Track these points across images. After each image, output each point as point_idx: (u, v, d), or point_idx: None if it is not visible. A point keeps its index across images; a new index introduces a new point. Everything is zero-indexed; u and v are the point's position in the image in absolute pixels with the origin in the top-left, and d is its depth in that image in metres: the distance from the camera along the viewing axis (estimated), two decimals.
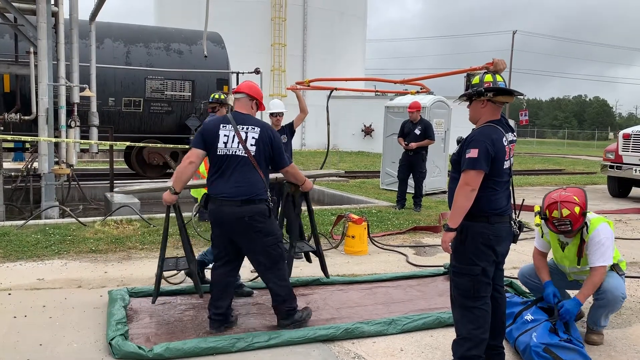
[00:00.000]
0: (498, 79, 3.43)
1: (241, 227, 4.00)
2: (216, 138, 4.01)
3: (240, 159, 4.00)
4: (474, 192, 3.28)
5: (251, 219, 3.98)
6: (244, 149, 4.00)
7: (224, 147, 4.00)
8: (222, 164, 4.02)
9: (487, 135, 3.34)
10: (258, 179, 4.04)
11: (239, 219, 3.97)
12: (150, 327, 4.22)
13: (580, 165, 24.83)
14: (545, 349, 3.68)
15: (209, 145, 4.03)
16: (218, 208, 4.01)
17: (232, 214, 3.97)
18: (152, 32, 13.79)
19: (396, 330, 4.22)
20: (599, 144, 53.26)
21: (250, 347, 3.84)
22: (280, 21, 31.46)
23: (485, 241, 3.36)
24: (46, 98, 8.70)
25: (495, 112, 3.46)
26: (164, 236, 4.47)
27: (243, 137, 4.02)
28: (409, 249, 7.11)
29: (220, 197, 3.99)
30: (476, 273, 3.37)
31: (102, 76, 11.81)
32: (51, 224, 7.47)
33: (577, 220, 3.92)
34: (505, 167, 3.40)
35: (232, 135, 4.01)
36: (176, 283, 5.35)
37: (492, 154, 3.30)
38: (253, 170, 4.03)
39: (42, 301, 4.72)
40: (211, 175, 4.09)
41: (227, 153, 4.00)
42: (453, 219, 3.33)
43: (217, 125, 4.06)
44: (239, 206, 3.95)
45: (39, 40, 8.56)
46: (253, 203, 3.99)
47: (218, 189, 4.01)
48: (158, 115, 13.10)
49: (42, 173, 8.70)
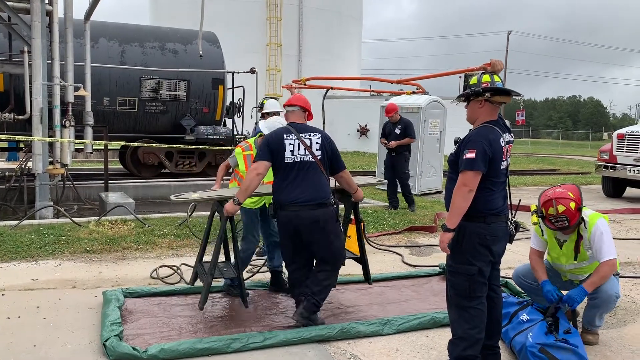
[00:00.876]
0: (496, 79, 3.45)
1: (316, 230, 4.15)
2: (282, 147, 4.15)
3: (308, 164, 4.18)
4: (472, 193, 3.28)
5: (324, 222, 4.16)
6: (310, 155, 4.18)
7: (291, 154, 4.16)
8: (291, 171, 4.15)
9: (485, 136, 3.34)
10: (325, 182, 4.25)
11: (314, 222, 4.12)
12: (145, 328, 4.20)
13: (575, 165, 24.91)
14: (540, 349, 3.69)
15: (276, 155, 4.16)
16: (295, 214, 4.12)
17: (307, 218, 4.11)
18: (147, 32, 13.74)
19: (392, 331, 4.22)
20: (593, 144, 53.45)
21: (246, 347, 3.83)
22: (276, 21, 31.44)
23: (482, 241, 3.36)
24: (40, 97, 8.65)
25: (493, 112, 3.47)
26: (218, 243, 4.49)
27: (308, 143, 4.20)
28: (405, 249, 7.11)
29: (295, 203, 4.11)
30: (472, 273, 3.37)
31: (97, 75, 11.76)
32: (45, 224, 7.43)
33: (573, 216, 3.94)
34: (502, 167, 3.41)
35: (297, 143, 4.18)
36: (172, 283, 5.34)
37: (490, 154, 3.30)
38: (320, 173, 4.22)
39: (36, 302, 4.70)
40: (280, 183, 4.20)
41: (295, 160, 4.16)
42: (451, 219, 3.33)
43: (281, 135, 4.21)
44: (313, 210, 4.12)
45: (33, 40, 8.51)
46: (325, 206, 4.18)
47: (292, 195, 4.13)
48: (153, 114, 13.06)
49: (36, 173, 8.65)
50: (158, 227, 7.52)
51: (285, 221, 4.18)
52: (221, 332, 4.14)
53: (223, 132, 13.46)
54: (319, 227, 4.15)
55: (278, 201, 4.19)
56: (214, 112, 13.55)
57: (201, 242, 4.82)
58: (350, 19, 35.18)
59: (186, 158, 13.40)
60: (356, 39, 36.73)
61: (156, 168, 13.48)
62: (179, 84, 13.13)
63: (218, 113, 13.65)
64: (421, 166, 12.43)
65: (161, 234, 7.14)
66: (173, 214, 8.43)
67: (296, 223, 4.14)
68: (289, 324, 4.31)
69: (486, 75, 3.46)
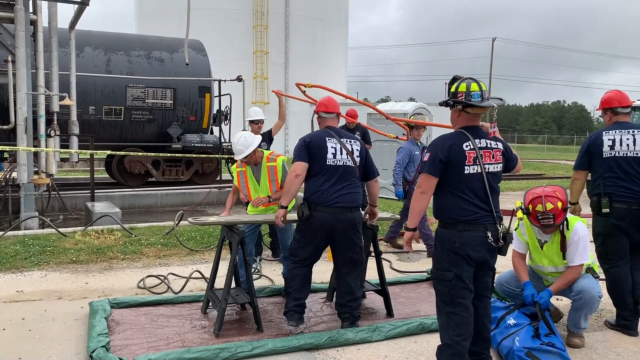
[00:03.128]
0: (473, 88, 3.41)
1: (351, 231, 4.26)
2: (324, 150, 4.24)
3: (349, 169, 4.30)
4: (424, 195, 3.43)
5: (359, 224, 4.33)
6: (352, 160, 4.30)
7: (333, 157, 4.25)
8: (332, 173, 4.23)
9: (443, 142, 3.44)
10: (360, 188, 4.39)
11: (351, 224, 4.26)
12: (132, 339, 4.16)
13: (560, 169, 25.15)
14: (527, 353, 3.73)
15: (316, 157, 4.24)
16: (332, 215, 4.19)
17: (346, 220, 4.23)
18: (132, 40, 13.68)
19: (380, 337, 4.23)
20: (577, 148, 53.77)
21: (234, 357, 3.81)
22: (262, 29, 31.48)
23: (452, 248, 3.39)
24: (25, 107, 8.58)
25: (471, 120, 3.51)
26: (230, 270, 4.48)
27: (350, 149, 4.33)
28: (393, 255, 7.13)
29: (335, 205, 4.19)
30: (449, 278, 3.41)
31: (82, 84, 11.68)
32: (30, 235, 7.35)
33: (559, 215, 4.04)
34: (467, 172, 3.37)
35: (339, 147, 4.29)
36: (159, 293, 5.30)
37: (444, 159, 3.36)
38: (357, 179, 4.35)
39: (21, 313, 4.64)
40: (318, 184, 4.23)
41: (337, 163, 4.26)
42: (410, 219, 3.59)
43: (323, 138, 4.31)
44: (351, 212, 4.26)
45: (17, 49, 8.45)
46: (359, 209, 4.35)
47: (332, 197, 4.20)
48: (139, 123, 12.99)
49: (21, 183, 8.57)
50: (145, 236, 7.48)
51: (321, 221, 4.21)
52: (209, 342, 4.12)
53: (210, 140, 13.42)
54: (354, 228, 4.28)
55: (315, 202, 4.22)
56: (200, 120, 13.52)
57: (211, 269, 4.79)
58: (336, 26, 35.34)
59: (173, 166, 13.34)
60: (342, 46, 36.89)
61: (143, 177, 13.39)
62: (166, 93, 13.08)
63: (205, 121, 13.61)
64: None
65: (148, 244, 7.09)
66: (160, 223, 8.39)
67: (333, 224, 4.21)
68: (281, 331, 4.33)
69: (463, 85, 3.44)
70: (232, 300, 4.51)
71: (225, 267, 4.66)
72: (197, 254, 6.84)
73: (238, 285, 4.83)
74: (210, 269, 4.85)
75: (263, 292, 5.23)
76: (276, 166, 5.12)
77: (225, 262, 4.99)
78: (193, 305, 4.93)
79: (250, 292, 4.46)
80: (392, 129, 12.81)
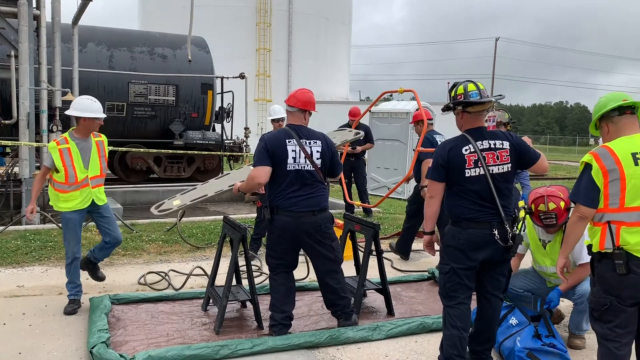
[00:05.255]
0: (470, 88, 3.48)
1: (317, 234, 4.16)
2: (285, 154, 4.09)
3: (310, 172, 4.15)
4: (433, 199, 3.54)
5: (325, 226, 4.20)
6: (311, 164, 4.15)
7: (294, 162, 4.10)
8: (291, 178, 4.10)
9: (443, 147, 3.54)
10: (324, 188, 4.27)
11: (315, 227, 4.14)
12: (132, 335, 4.16)
13: (562, 170, 25.12)
14: (528, 354, 3.72)
15: (276, 161, 4.07)
16: (295, 220, 4.09)
17: (309, 223, 4.11)
18: (136, 36, 13.65)
19: (381, 336, 4.22)
20: (580, 149, 53.92)
21: (234, 354, 3.81)
22: (265, 26, 31.46)
23: (455, 244, 3.46)
24: (27, 102, 8.58)
25: (474, 120, 3.54)
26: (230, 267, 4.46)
27: (309, 151, 4.15)
28: (394, 254, 7.11)
29: (296, 210, 4.09)
30: (445, 271, 3.51)
31: (85, 80, 11.66)
32: (32, 230, 7.35)
33: (561, 215, 4.04)
34: (468, 175, 3.41)
35: (299, 150, 4.12)
36: (160, 289, 5.30)
37: (444, 164, 3.45)
38: (320, 181, 4.22)
39: (21, 308, 4.64)
40: (278, 188, 4.12)
41: (298, 168, 4.11)
42: (426, 224, 3.69)
43: (283, 141, 4.11)
44: (314, 215, 4.13)
45: (20, 44, 8.44)
46: (324, 211, 4.22)
47: (292, 201, 4.09)
48: (141, 119, 12.97)
49: (22, 178, 8.56)
50: (146, 232, 7.47)
51: (283, 225, 4.13)
52: (210, 339, 4.11)
53: (212, 137, 13.40)
54: (320, 230, 4.16)
55: (276, 205, 4.14)
56: (203, 117, 13.49)
57: (212, 266, 4.78)
58: (339, 24, 35.33)
59: (175, 163, 13.31)
60: (345, 44, 36.87)
61: (145, 173, 13.37)
62: (168, 89, 13.05)
63: (207, 118, 13.58)
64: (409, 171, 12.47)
65: (149, 240, 7.09)
66: (161, 220, 8.37)
67: (295, 227, 4.10)
68: None
69: (460, 87, 3.53)
70: (233, 298, 4.50)
71: (226, 265, 4.66)
72: (198, 250, 6.83)
73: (239, 282, 4.82)
74: (211, 265, 4.84)
75: (264, 289, 5.22)
76: (103, 141, 4.89)
77: (226, 259, 4.99)
78: (194, 302, 4.93)
79: (251, 290, 4.45)
80: (394, 128, 12.82)
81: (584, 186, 3.00)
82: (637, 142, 2.98)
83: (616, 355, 2.98)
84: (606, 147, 2.99)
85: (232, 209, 11.00)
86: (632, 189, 2.88)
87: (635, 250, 2.85)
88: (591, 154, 3.02)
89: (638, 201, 2.88)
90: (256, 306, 4.39)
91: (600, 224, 2.96)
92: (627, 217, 2.88)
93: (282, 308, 4.19)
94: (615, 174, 2.90)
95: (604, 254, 2.94)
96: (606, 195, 2.92)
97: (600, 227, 2.96)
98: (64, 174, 4.62)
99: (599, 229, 2.96)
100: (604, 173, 2.92)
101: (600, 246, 2.95)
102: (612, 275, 2.90)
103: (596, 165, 2.95)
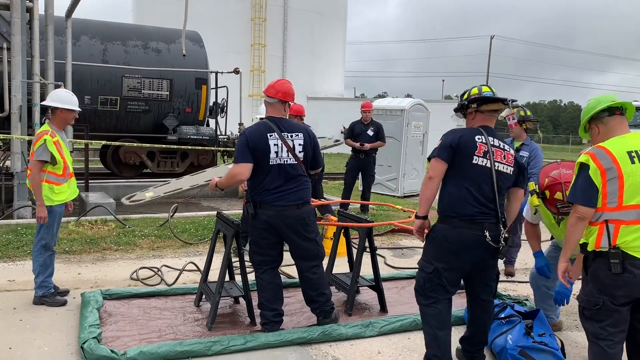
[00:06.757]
0: (484, 90, 3.50)
1: (300, 227, 4.11)
2: (267, 149, 4.02)
3: (293, 166, 4.09)
4: (432, 181, 3.41)
5: (308, 219, 4.16)
6: (294, 157, 4.09)
7: (276, 156, 4.04)
8: (274, 172, 4.04)
9: (456, 132, 3.45)
10: (307, 181, 4.21)
11: (298, 220, 4.09)
12: (124, 330, 4.14)
13: None
14: (520, 352, 3.72)
15: (258, 155, 4.01)
16: (279, 214, 4.05)
17: (293, 217, 4.07)
18: (129, 30, 13.57)
19: (374, 333, 4.22)
20: (573, 148, 54.17)
21: (227, 350, 3.79)
22: (260, 21, 31.35)
23: (442, 244, 3.39)
24: (19, 95, 8.52)
25: (486, 120, 3.52)
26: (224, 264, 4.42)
27: (291, 145, 4.09)
28: (387, 250, 7.12)
29: (279, 204, 4.04)
30: (429, 271, 3.44)
31: (78, 74, 11.58)
32: (23, 224, 7.30)
33: None
34: (475, 162, 3.34)
35: (280, 144, 4.05)
36: (152, 285, 5.28)
37: (454, 145, 3.35)
38: (303, 174, 4.17)
39: (12, 303, 4.61)
40: (261, 183, 4.06)
41: (280, 162, 4.05)
42: (420, 207, 3.55)
43: (265, 135, 4.05)
44: (298, 209, 4.09)
45: (13, 36, 8.37)
46: (307, 204, 4.18)
47: (275, 197, 4.04)
48: (135, 114, 12.90)
49: (14, 172, 8.51)
50: (139, 227, 7.44)
51: (267, 220, 4.06)
52: (202, 335, 4.10)
53: (206, 133, 13.35)
54: (305, 223, 4.12)
55: (260, 201, 4.08)
56: (196, 112, 13.44)
57: (205, 262, 4.75)
58: (335, 20, 35.23)
59: (168, 158, 13.26)
60: (340, 40, 36.79)
61: (138, 168, 13.31)
62: (162, 83, 12.99)
63: (201, 113, 13.53)
64: (404, 169, 12.49)
65: (142, 235, 7.06)
66: (154, 215, 8.35)
67: (278, 222, 4.05)
68: None
69: (475, 89, 3.54)
70: (226, 294, 4.49)
71: (219, 260, 4.64)
72: (191, 246, 6.81)
73: (232, 278, 4.81)
74: (204, 261, 4.83)
75: None
76: None
77: (219, 255, 4.97)
78: (186, 298, 4.91)
79: (243, 286, 4.44)
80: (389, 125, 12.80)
81: (581, 187, 2.98)
82: (630, 141, 2.98)
83: (608, 354, 2.99)
84: (601, 147, 2.99)
85: (226, 204, 10.96)
86: (630, 187, 2.88)
87: (631, 248, 2.85)
88: (587, 154, 3.01)
89: (635, 199, 2.88)
90: (249, 302, 4.38)
91: (598, 223, 2.95)
92: (625, 216, 2.88)
93: (271, 306, 4.17)
94: (613, 173, 2.90)
95: (599, 252, 2.94)
96: (604, 194, 2.92)
97: (597, 226, 2.95)
98: (62, 165, 4.70)
99: (596, 228, 2.96)
100: (602, 172, 2.92)
101: (596, 245, 2.94)
102: (607, 274, 2.90)
103: (594, 165, 2.94)
